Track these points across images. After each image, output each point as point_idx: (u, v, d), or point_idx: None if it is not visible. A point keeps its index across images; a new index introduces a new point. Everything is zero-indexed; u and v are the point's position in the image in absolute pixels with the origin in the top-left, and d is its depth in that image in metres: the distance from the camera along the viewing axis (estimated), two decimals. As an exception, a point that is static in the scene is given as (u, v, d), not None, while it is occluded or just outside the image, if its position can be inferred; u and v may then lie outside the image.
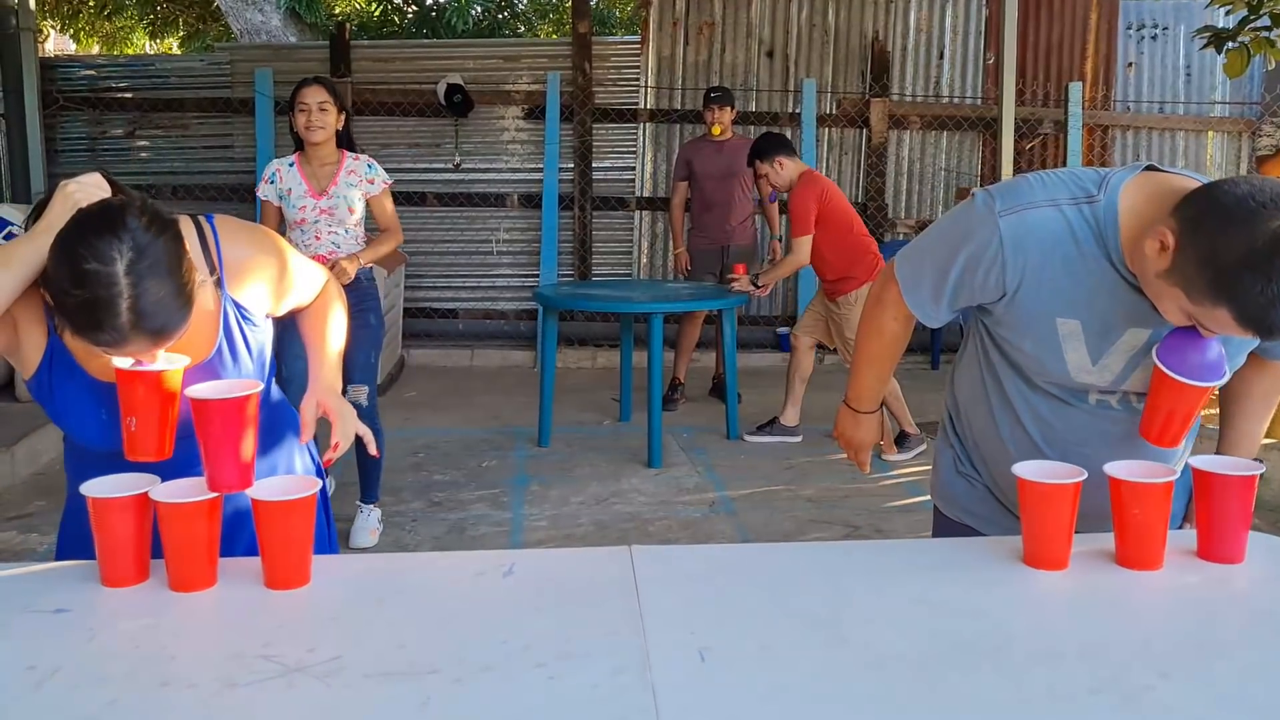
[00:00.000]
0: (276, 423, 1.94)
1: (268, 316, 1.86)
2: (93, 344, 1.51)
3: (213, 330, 1.75)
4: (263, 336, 1.84)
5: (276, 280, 1.84)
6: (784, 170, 5.61)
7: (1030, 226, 1.69)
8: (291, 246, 1.92)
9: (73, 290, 1.46)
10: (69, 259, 1.46)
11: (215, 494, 1.53)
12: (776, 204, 6.91)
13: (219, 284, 1.75)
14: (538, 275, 8.21)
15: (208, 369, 1.74)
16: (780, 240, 7.01)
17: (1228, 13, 5.73)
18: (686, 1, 8.29)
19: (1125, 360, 1.73)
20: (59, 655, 1.34)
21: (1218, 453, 1.93)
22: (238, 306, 1.78)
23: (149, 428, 1.56)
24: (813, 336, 5.80)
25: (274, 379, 1.96)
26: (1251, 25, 5.30)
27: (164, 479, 1.56)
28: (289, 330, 2.06)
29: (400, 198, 8.19)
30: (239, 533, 1.77)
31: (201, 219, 1.77)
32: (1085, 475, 1.63)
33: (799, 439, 5.88)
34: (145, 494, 1.53)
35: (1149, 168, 1.68)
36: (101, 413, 1.69)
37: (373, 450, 1.89)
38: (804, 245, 5.52)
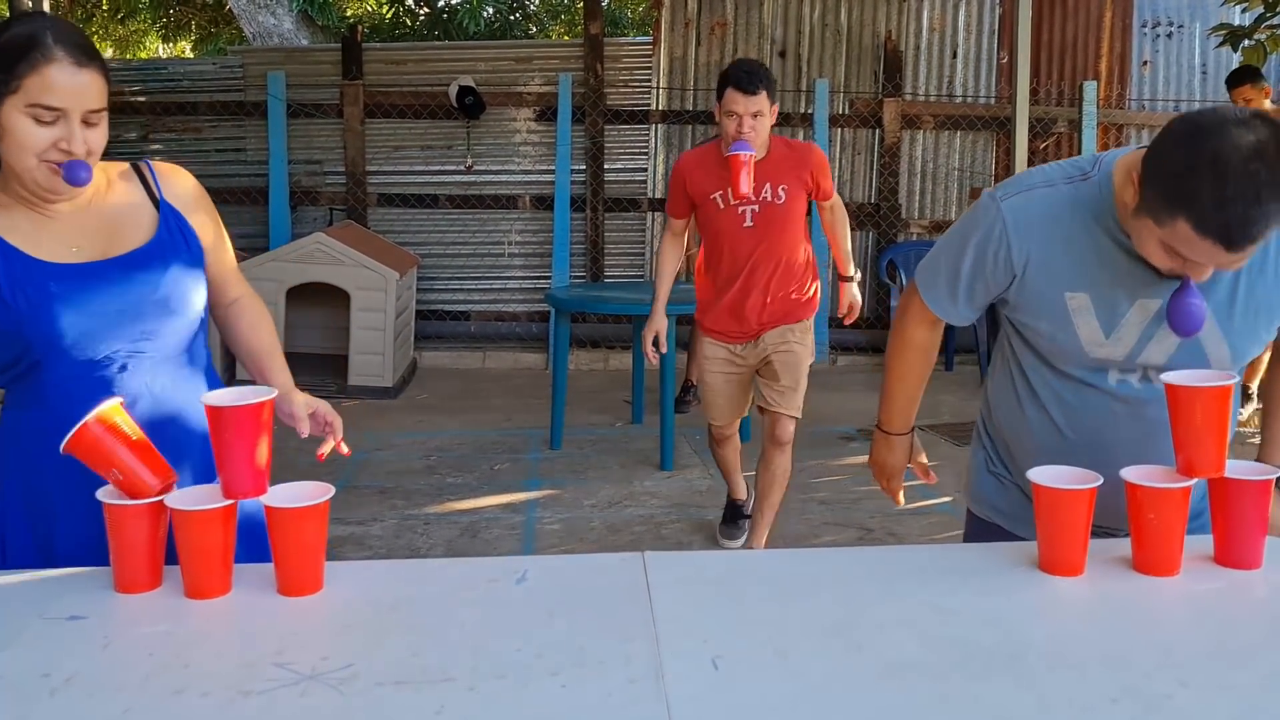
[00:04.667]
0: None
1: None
2: (27, 73, 1.63)
3: (149, 222, 1.84)
4: (199, 249, 1.91)
5: (212, 220, 1.95)
6: None
7: (1030, 206, 1.79)
8: None
9: (2, 38, 1.65)
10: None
11: (230, 501, 1.53)
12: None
13: (157, 199, 1.87)
14: (550, 277, 8.21)
15: (146, 256, 1.80)
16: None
17: (1243, 10, 5.73)
18: (698, 2, 8.27)
19: (1139, 332, 1.77)
20: (73, 662, 1.34)
21: (1258, 457, 1.94)
22: (175, 212, 1.88)
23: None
24: None
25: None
26: (1268, 23, 5.28)
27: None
28: None
29: (412, 200, 8.25)
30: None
31: (140, 161, 1.92)
32: (1100, 481, 1.62)
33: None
34: (160, 501, 1.53)
35: (1144, 148, 1.71)
36: (49, 284, 1.71)
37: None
38: None
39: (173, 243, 1.84)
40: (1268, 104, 5.87)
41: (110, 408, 1.57)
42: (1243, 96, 5.88)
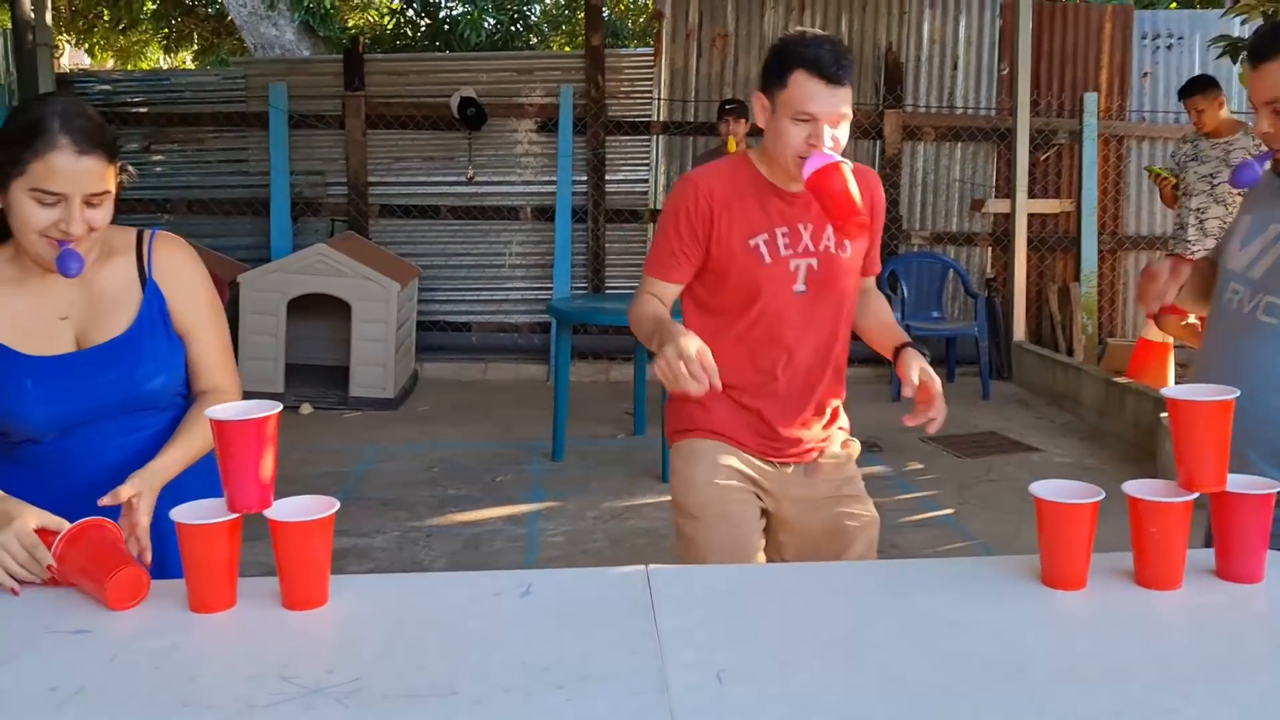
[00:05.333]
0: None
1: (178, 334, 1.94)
2: (31, 159, 1.70)
3: (133, 307, 1.89)
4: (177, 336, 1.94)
5: (197, 300, 1.96)
6: None
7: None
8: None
9: (13, 121, 1.75)
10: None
11: (235, 515, 1.54)
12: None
13: (145, 276, 1.91)
14: (551, 288, 8.22)
15: (124, 345, 1.87)
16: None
17: (1243, 22, 5.74)
18: (700, 13, 8.30)
19: (1260, 248, 2.12)
20: (80, 676, 1.34)
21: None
22: (159, 295, 1.92)
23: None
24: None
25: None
26: (1267, 35, 5.29)
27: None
28: None
29: (414, 211, 8.26)
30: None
31: (146, 230, 1.96)
32: (1103, 495, 1.63)
33: None
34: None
35: None
36: (26, 382, 1.81)
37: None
38: None
39: (151, 330, 1.90)
40: (1221, 113, 5.88)
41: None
42: (1195, 107, 5.92)
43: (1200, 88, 5.90)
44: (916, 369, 2.24)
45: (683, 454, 2.40)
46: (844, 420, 2.51)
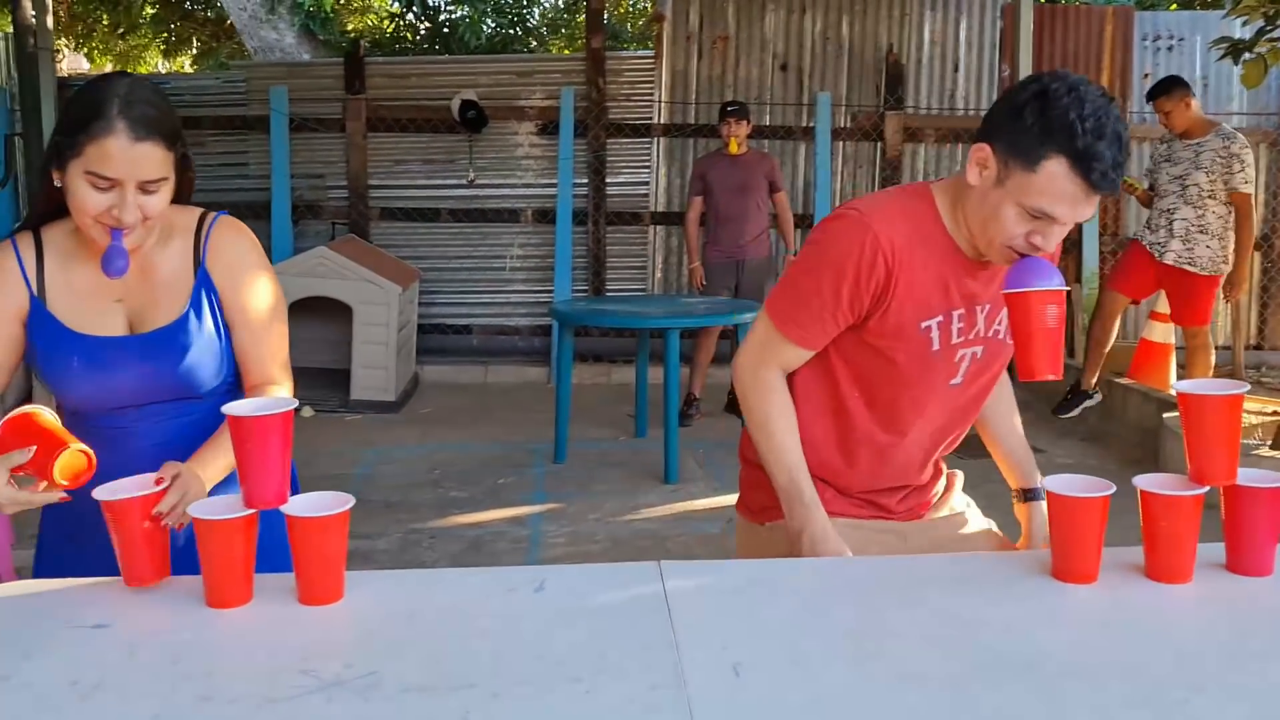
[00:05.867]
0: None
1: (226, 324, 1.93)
2: (86, 142, 1.69)
3: (184, 294, 1.88)
4: (225, 328, 1.93)
5: (244, 292, 1.92)
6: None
7: None
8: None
9: (76, 100, 1.73)
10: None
11: (252, 510, 1.55)
12: (791, 218, 6.92)
13: (198, 263, 1.89)
14: (552, 291, 8.23)
15: (174, 331, 1.86)
16: (794, 255, 7.03)
17: (1244, 23, 5.76)
18: (700, 16, 8.31)
19: None
20: (100, 670, 1.35)
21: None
22: (210, 285, 1.90)
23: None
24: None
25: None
26: (1268, 35, 5.31)
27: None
28: None
29: (414, 214, 8.27)
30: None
31: (209, 213, 1.94)
32: (1114, 489, 1.64)
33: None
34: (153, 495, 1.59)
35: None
36: (73, 359, 1.83)
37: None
38: None
39: (200, 320, 1.88)
40: (1190, 113, 5.89)
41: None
42: (1161, 109, 5.94)
43: (1165, 89, 5.92)
44: (1041, 539, 2.04)
45: (772, 537, 2.05)
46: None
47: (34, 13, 7.54)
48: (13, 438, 1.66)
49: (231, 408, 1.56)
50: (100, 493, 1.57)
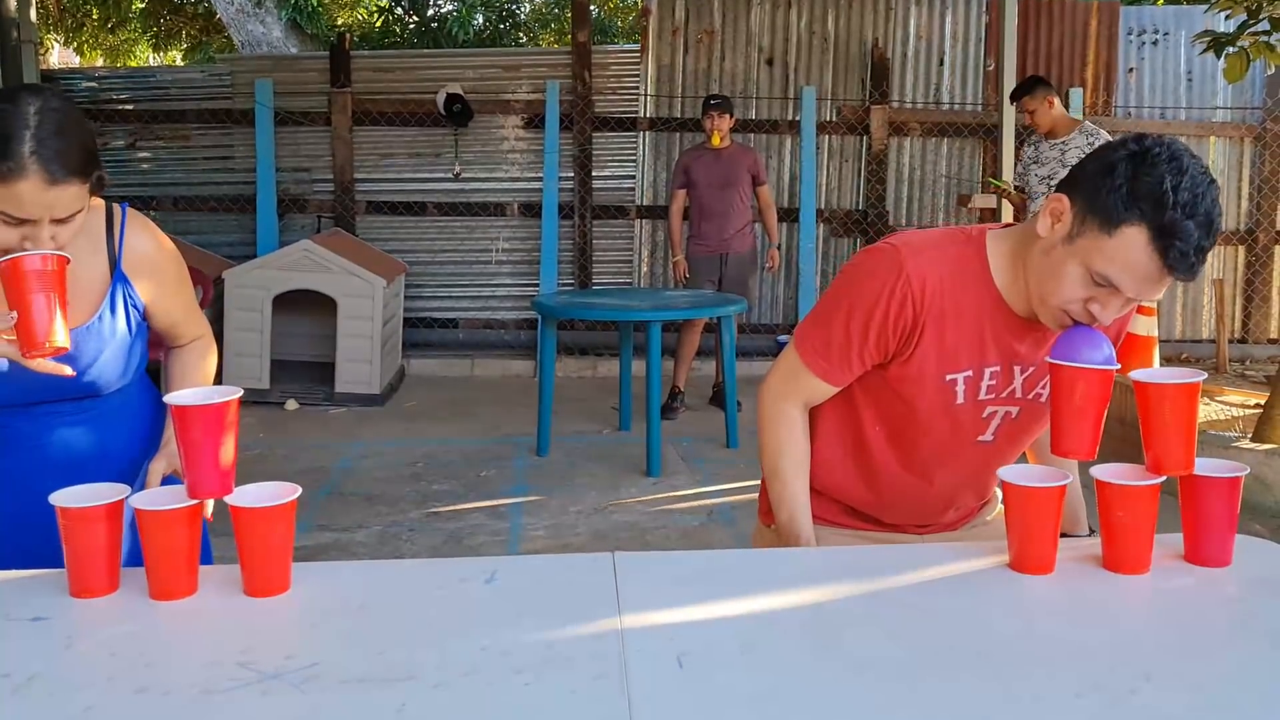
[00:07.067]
0: (133, 414, 1.99)
1: (144, 319, 1.93)
2: None
3: (98, 296, 1.84)
4: (141, 321, 1.93)
5: (167, 286, 1.93)
6: None
7: None
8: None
9: None
10: None
11: (195, 500, 1.53)
12: (774, 211, 6.91)
13: (115, 262, 1.86)
14: (538, 285, 8.21)
15: (86, 334, 1.82)
16: (779, 248, 7.02)
17: (1227, 17, 5.75)
18: (686, 10, 8.29)
19: None
20: (35, 662, 1.33)
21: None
22: (127, 284, 1.87)
23: (31, 318, 1.60)
24: None
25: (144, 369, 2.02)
26: (1251, 29, 5.30)
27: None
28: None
29: (400, 207, 8.25)
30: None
31: (116, 205, 1.90)
32: (1069, 480, 1.63)
33: None
34: (118, 502, 1.52)
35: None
36: None
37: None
38: None
39: (113, 322, 1.86)
40: (1054, 113, 5.88)
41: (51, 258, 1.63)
42: (1025, 109, 5.96)
43: (1028, 89, 5.94)
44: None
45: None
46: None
47: (17, 5, 7.51)
48: None
49: (174, 397, 1.54)
50: (58, 498, 1.53)
